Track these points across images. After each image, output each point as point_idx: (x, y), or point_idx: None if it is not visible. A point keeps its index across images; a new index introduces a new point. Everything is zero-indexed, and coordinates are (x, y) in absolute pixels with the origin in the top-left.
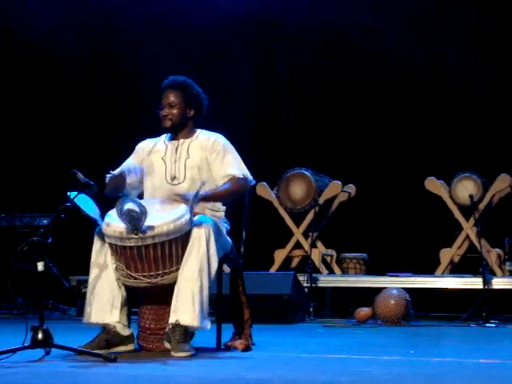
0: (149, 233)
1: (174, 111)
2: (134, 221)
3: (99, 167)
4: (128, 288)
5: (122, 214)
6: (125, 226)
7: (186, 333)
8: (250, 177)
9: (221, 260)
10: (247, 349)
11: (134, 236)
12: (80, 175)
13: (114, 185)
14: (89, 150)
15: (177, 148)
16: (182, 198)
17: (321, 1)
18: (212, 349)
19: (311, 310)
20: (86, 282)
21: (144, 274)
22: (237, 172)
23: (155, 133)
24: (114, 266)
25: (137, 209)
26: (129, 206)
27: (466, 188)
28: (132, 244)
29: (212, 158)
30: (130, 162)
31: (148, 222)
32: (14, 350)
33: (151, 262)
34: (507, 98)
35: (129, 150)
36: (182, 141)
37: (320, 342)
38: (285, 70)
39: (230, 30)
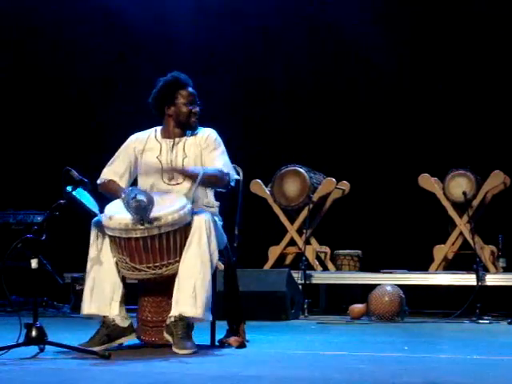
0: (155, 223)
1: (198, 109)
2: (142, 211)
3: (93, 164)
4: (125, 283)
5: (130, 205)
6: (131, 216)
7: (189, 327)
8: (232, 176)
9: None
10: (241, 346)
11: (140, 227)
12: (74, 172)
13: (109, 193)
14: (82, 146)
15: (172, 147)
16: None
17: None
18: (206, 346)
19: (305, 306)
20: (80, 279)
21: (149, 265)
22: (222, 167)
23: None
24: (115, 259)
25: (144, 198)
26: (136, 196)
27: (459, 185)
28: (138, 235)
29: (205, 152)
30: (121, 169)
31: (153, 213)
32: (7, 348)
33: (156, 252)
34: (501, 96)
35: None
36: (177, 139)
37: (314, 338)
38: (280, 69)
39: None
